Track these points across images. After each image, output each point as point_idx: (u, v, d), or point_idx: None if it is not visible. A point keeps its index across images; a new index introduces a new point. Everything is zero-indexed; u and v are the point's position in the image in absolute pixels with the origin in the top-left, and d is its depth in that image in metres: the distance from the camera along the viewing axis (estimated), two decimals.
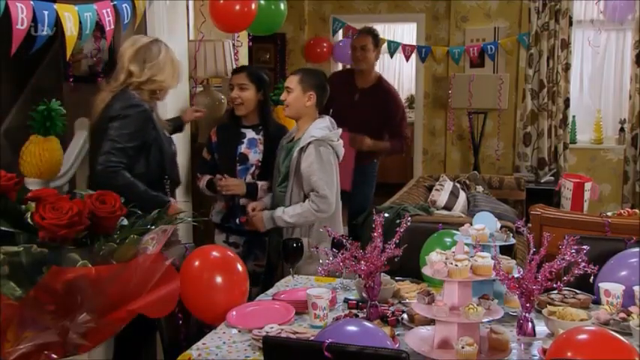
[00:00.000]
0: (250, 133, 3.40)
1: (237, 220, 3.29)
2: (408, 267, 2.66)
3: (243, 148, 3.38)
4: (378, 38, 4.67)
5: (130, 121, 2.74)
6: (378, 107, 4.50)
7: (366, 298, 2.28)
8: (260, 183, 3.33)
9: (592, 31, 6.24)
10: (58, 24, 2.36)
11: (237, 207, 3.34)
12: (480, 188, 5.40)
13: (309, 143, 3.01)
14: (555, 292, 2.37)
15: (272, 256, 3.28)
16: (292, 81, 3.11)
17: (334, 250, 2.28)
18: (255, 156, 3.38)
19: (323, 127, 3.09)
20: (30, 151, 2.98)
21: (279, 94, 4.91)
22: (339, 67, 7.25)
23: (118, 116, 2.75)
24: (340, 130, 3.24)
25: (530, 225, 3.43)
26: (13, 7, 2.09)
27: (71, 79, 3.47)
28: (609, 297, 2.28)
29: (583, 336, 1.62)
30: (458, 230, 2.61)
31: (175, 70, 2.95)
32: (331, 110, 4.29)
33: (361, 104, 4.52)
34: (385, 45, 6.45)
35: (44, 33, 2.24)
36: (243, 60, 4.20)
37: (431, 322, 2.09)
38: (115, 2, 2.67)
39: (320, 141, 3.02)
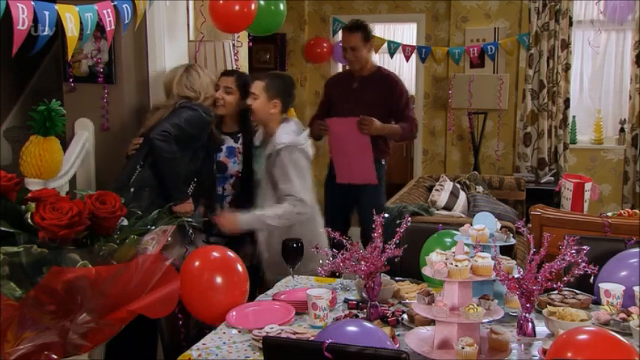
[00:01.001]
0: (229, 141, 3.36)
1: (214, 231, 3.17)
2: (408, 267, 2.66)
3: (221, 157, 3.34)
4: (367, 31, 4.20)
5: (195, 115, 3.08)
6: (379, 93, 4.20)
7: (366, 299, 2.28)
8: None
9: (592, 32, 6.23)
10: (58, 24, 2.36)
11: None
12: (480, 188, 5.40)
13: (279, 150, 3.01)
14: (555, 292, 2.37)
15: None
16: (257, 87, 3.11)
17: (334, 250, 2.29)
18: (234, 166, 3.35)
19: (290, 131, 3.09)
20: (30, 152, 2.97)
21: None
22: (339, 67, 7.25)
23: (187, 108, 3.09)
24: (307, 131, 3.28)
25: (530, 225, 3.43)
26: (14, 8, 2.09)
27: (71, 80, 3.46)
28: (609, 297, 2.28)
29: (583, 336, 1.62)
30: (458, 230, 2.61)
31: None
32: (331, 110, 4.30)
33: (361, 91, 4.24)
34: (385, 45, 6.45)
35: (45, 33, 2.24)
36: (243, 60, 4.20)
37: (431, 322, 2.09)
38: (116, 2, 2.67)
39: (290, 147, 3.02)
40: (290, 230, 3.01)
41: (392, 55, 6.72)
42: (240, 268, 2.44)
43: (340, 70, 7.33)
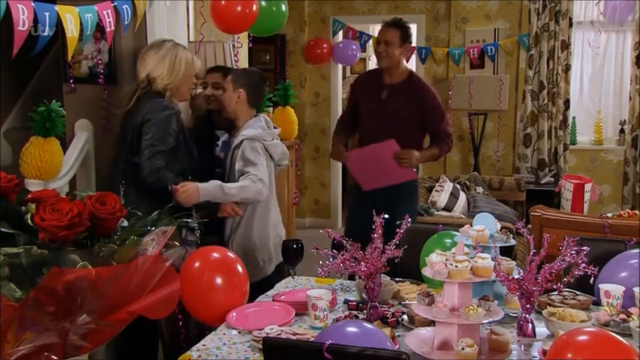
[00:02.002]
0: (224, 136, 3.40)
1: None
2: (408, 268, 2.66)
3: (218, 151, 3.37)
4: (407, 32, 3.89)
5: (163, 124, 2.93)
6: (410, 105, 3.84)
7: (366, 299, 2.28)
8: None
9: (592, 33, 6.24)
10: (58, 25, 2.36)
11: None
12: (480, 189, 5.41)
13: (241, 142, 3.05)
14: (555, 293, 2.37)
15: None
16: (225, 80, 3.20)
17: (334, 251, 2.29)
18: None
19: (257, 126, 3.13)
20: (30, 153, 2.97)
21: (280, 95, 4.95)
22: (339, 68, 7.25)
23: (151, 120, 2.92)
24: (278, 130, 3.29)
25: (530, 226, 3.43)
26: (14, 9, 2.09)
27: (71, 81, 3.46)
28: (609, 298, 2.28)
29: (583, 337, 1.62)
30: (458, 231, 2.61)
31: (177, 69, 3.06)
32: (360, 116, 3.97)
33: (390, 102, 3.86)
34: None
35: (45, 34, 2.24)
36: (244, 61, 4.20)
37: (431, 323, 2.09)
38: (116, 3, 2.67)
39: (251, 140, 3.06)
40: (249, 221, 3.10)
41: None
42: (240, 268, 2.44)
43: (340, 71, 7.34)
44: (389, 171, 3.73)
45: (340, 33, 6.91)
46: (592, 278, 2.20)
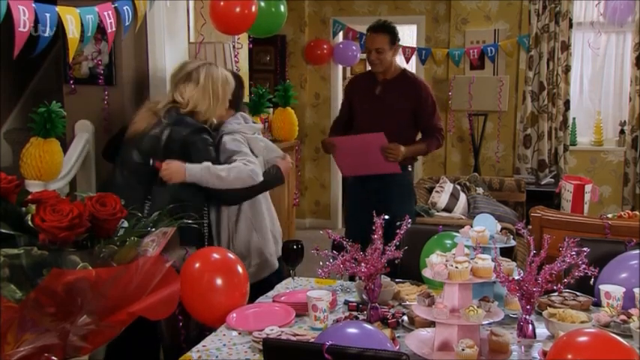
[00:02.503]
0: None
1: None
2: (409, 269, 2.66)
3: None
4: (394, 33, 3.89)
5: (201, 147, 2.87)
6: (404, 99, 3.87)
7: (367, 300, 2.28)
8: None
9: (592, 34, 6.24)
10: (59, 26, 2.36)
11: None
12: (480, 190, 5.40)
13: (221, 136, 3.03)
14: (556, 294, 2.37)
15: None
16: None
17: (334, 252, 2.29)
18: None
19: (234, 122, 3.12)
20: (30, 153, 2.98)
21: (280, 96, 4.96)
22: (340, 69, 7.25)
23: (195, 143, 2.86)
24: (260, 126, 3.29)
25: (530, 227, 3.43)
26: (15, 10, 2.09)
27: (72, 82, 3.47)
28: (610, 299, 2.28)
29: (583, 338, 1.62)
30: (458, 232, 2.61)
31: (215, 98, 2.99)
32: (354, 115, 4.01)
33: (384, 98, 3.90)
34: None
35: (46, 34, 2.24)
36: (244, 62, 4.20)
37: (431, 324, 2.09)
38: (117, 4, 2.67)
39: (230, 133, 3.05)
40: (240, 215, 3.07)
41: None
42: (240, 269, 2.44)
43: (340, 72, 7.34)
44: (372, 162, 3.76)
45: (340, 34, 6.92)
46: (592, 279, 2.20)
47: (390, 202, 3.79)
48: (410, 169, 4.04)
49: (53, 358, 1.71)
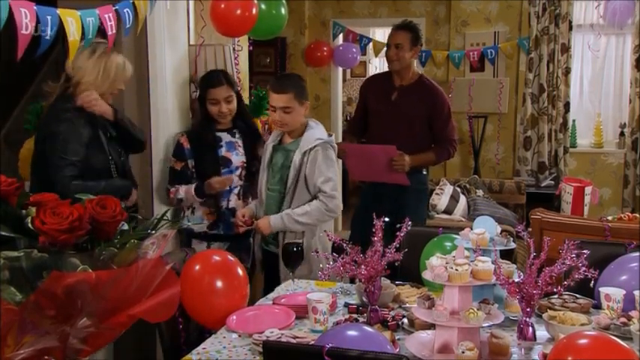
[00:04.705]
0: (226, 137, 3.38)
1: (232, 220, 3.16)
2: (409, 271, 2.66)
3: (223, 152, 3.35)
4: (417, 34, 3.91)
5: (64, 138, 2.78)
6: (421, 106, 3.84)
7: (367, 303, 2.28)
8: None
9: (592, 36, 6.24)
10: (59, 29, 2.36)
11: (227, 210, 3.33)
12: (480, 192, 5.41)
13: (315, 146, 3.02)
14: (556, 296, 2.37)
15: (256, 260, 3.31)
16: (285, 100, 2.99)
17: (334, 254, 2.29)
18: (238, 158, 3.37)
19: (322, 130, 3.14)
20: (29, 154, 2.97)
21: None
22: (340, 71, 7.26)
23: (52, 134, 2.78)
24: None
25: (530, 229, 3.42)
26: (17, 13, 2.09)
27: None
28: (610, 301, 2.28)
29: (583, 340, 1.62)
30: (458, 234, 2.61)
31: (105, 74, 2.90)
32: (368, 117, 3.99)
33: (400, 104, 3.87)
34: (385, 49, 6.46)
35: (47, 37, 2.24)
36: (244, 64, 4.19)
37: (431, 326, 2.09)
38: (117, 7, 2.67)
39: (325, 143, 3.06)
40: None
41: None
42: (240, 271, 2.44)
43: (340, 74, 7.35)
44: (381, 171, 3.76)
45: (340, 36, 6.92)
46: (592, 281, 2.19)
47: (404, 206, 3.70)
48: (425, 172, 3.99)
49: None
